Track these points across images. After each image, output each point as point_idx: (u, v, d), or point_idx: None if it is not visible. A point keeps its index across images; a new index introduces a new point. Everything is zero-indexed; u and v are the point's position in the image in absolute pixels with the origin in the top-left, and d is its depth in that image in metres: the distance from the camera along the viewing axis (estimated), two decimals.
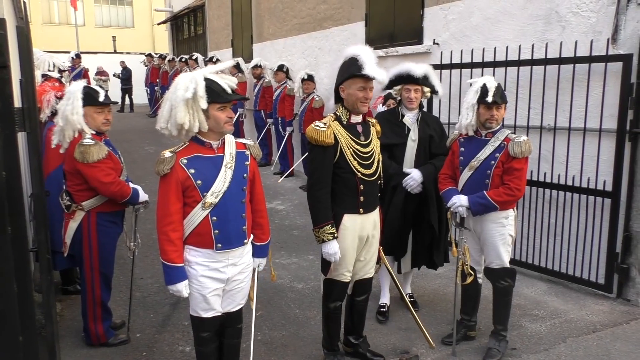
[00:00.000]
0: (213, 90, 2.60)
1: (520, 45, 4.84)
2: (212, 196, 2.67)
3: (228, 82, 2.67)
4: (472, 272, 3.61)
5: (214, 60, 11.40)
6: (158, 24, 21.95)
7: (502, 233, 3.49)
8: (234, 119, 10.36)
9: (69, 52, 15.46)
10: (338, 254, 3.12)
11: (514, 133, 3.51)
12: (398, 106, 4.03)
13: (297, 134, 8.92)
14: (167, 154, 2.68)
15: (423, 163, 3.94)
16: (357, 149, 3.14)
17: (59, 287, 4.62)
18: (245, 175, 2.79)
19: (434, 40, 6.03)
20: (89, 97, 3.50)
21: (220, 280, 2.79)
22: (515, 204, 3.59)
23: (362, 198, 3.18)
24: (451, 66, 5.44)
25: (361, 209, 3.19)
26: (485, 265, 3.63)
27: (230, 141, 2.81)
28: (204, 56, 13.67)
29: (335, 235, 3.11)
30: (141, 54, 19.63)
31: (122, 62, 18.61)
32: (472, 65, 5.23)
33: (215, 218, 2.69)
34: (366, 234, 3.27)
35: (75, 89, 3.50)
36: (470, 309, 3.82)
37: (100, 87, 3.75)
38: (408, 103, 3.90)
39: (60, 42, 24.54)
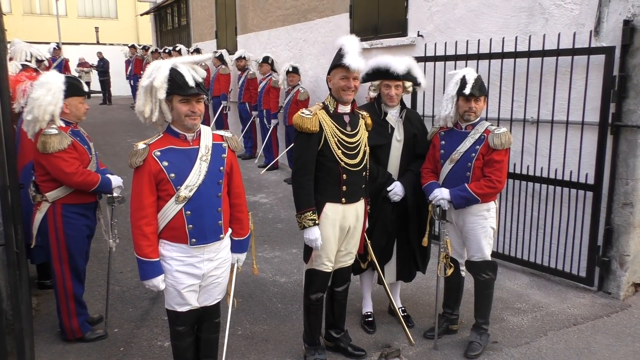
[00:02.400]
0: (175, 82, 2.54)
1: (503, 38, 4.82)
2: (186, 190, 2.61)
3: (194, 75, 2.58)
4: (453, 265, 3.59)
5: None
6: (141, 15, 21.62)
7: (483, 225, 3.47)
8: (217, 113, 10.23)
9: (49, 43, 15.22)
10: (319, 240, 3.11)
11: (494, 125, 3.48)
12: (378, 103, 3.66)
13: (281, 126, 8.84)
14: (141, 145, 2.63)
15: (407, 165, 3.68)
16: (342, 139, 3.12)
17: (35, 281, 4.52)
18: (221, 168, 2.73)
19: (419, 32, 5.99)
20: (74, 88, 3.46)
21: (195, 275, 2.73)
22: (497, 196, 3.57)
23: (344, 187, 3.15)
24: (435, 58, 5.41)
25: (343, 199, 3.17)
26: (467, 258, 3.61)
27: (206, 133, 2.75)
28: (188, 47, 13.48)
29: (317, 222, 3.10)
30: (124, 45, 19.32)
31: (99, 53, 18.36)
32: (456, 57, 5.20)
33: (189, 212, 2.63)
34: (348, 224, 3.24)
35: (55, 79, 3.41)
36: (452, 302, 3.80)
37: (78, 77, 3.66)
38: (388, 100, 3.57)
39: (42, 32, 24.08)
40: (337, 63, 3.05)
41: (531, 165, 4.77)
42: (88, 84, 18.82)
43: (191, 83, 2.54)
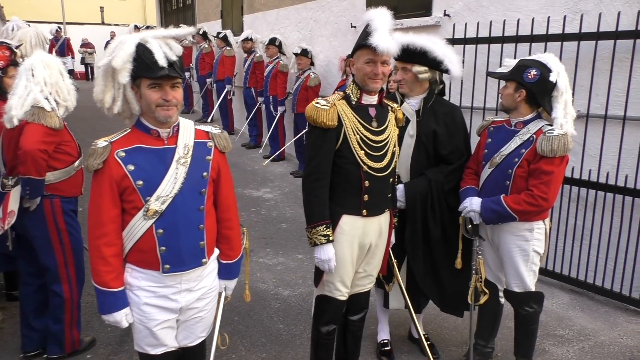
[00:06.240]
0: (142, 61, 1.93)
1: (548, 17, 4.13)
2: (158, 202, 2.00)
3: (167, 52, 1.97)
4: (487, 291, 2.94)
5: (201, 32, 10.53)
6: None
7: (523, 248, 2.83)
8: (221, 98, 9.54)
9: (51, 23, 14.74)
10: (333, 261, 2.52)
11: (552, 125, 2.73)
12: (398, 89, 3.07)
13: (289, 114, 8.18)
14: (101, 143, 2.03)
15: (423, 167, 2.98)
16: (365, 136, 2.50)
17: (3, 292, 3.96)
18: (205, 174, 2.12)
19: (445, 11, 5.30)
20: None
21: (171, 310, 2.15)
22: (548, 215, 2.91)
23: (366, 197, 2.54)
24: (465, 41, 4.73)
25: (364, 211, 2.56)
26: (505, 287, 2.98)
27: (187, 128, 2.13)
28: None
29: (331, 238, 2.51)
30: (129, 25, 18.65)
31: (112, 33, 17.82)
32: (490, 40, 4.53)
33: (161, 230, 2.03)
34: (368, 241, 2.63)
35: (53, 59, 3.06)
36: (486, 333, 3.19)
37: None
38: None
39: (45, 12, 23.37)
40: (362, 43, 2.41)
41: (577, 166, 4.09)
42: (91, 65, 18.34)
43: (162, 62, 1.92)
